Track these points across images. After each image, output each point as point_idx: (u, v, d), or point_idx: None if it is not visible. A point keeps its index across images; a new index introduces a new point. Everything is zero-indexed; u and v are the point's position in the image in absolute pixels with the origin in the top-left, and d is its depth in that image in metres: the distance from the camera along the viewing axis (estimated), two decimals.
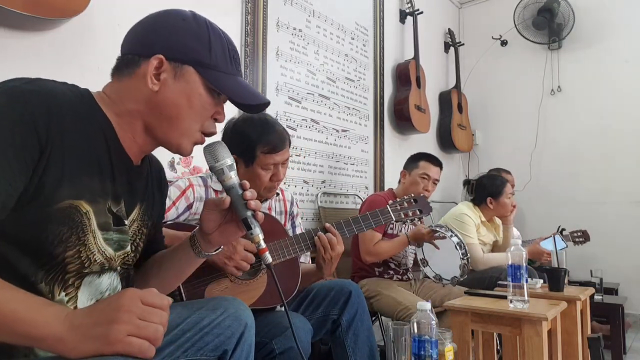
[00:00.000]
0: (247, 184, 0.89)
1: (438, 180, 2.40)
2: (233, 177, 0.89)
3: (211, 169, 0.90)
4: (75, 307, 0.80)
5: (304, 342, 1.33)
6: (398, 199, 1.74)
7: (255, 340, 1.04)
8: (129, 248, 0.89)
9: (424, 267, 2.19)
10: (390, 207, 1.68)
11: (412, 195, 1.75)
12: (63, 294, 0.78)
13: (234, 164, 0.90)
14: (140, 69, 0.85)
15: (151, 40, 0.85)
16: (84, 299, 0.82)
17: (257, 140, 1.54)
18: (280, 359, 1.30)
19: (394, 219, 1.69)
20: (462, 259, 2.02)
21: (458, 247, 2.01)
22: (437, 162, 2.41)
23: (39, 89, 0.75)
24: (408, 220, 1.83)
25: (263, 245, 0.88)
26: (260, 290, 1.43)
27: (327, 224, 1.53)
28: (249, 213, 0.87)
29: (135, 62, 0.85)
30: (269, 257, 0.88)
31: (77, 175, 0.77)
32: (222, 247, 0.99)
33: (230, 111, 1.10)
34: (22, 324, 0.63)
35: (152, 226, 1.00)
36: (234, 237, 0.95)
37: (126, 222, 0.88)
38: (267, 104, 0.94)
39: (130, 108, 0.86)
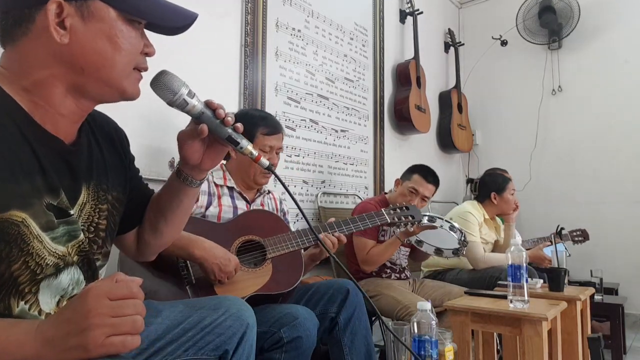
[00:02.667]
0: (213, 101, 0.84)
1: (428, 198, 2.34)
2: (197, 103, 0.82)
3: (170, 104, 0.81)
4: (40, 311, 0.74)
5: (311, 333, 1.36)
6: (391, 205, 1.92)
7: (264, 330, 1.06)
8: (81, 236, 0.80)
9: (420, 247, 2.15)
10: (384, 211, 1.85)
11: (404, 203, 1.92)
12: (22, 302, 0.72)
13: (191, 88, 0.82)
14: (36, 23, 0.70)
15: None
16: (46, 300, 0.76)
17: (258, 121, 1.69)
18: (288, 348, 1.32)
19: (388, 221, 1.82)
20: (460, 238, 2.02)
21: (452, 230, 2.02)
22: (431, 180, 2.33)
23: None
24: (401, 225, 1.88)
25: (255, 153, 0.86)
26: (266, 278, 1.48)
27: (329, 224, 1.67)
28: (229, 129, 0.84)
29: (26, 16, 0.70)
30: (265, 161, 0.87)
31: None
32: (204, 179, 0.96)
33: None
34: None
35: (121, 192, 0.92)
36: (223, 155, 0.91)
37: (72, 211, 0.78)
38: (193, 19, 0.83)
39: (42, 76, 0.72)
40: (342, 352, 1.55)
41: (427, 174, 2.34)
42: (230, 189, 1.68)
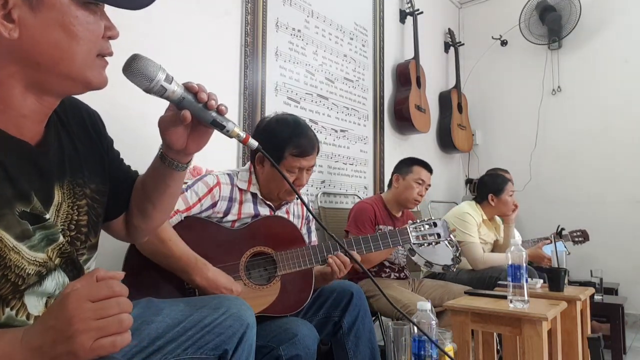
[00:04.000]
0: (194, 85, 0.78)
1: (430, 185, 2.42)
2: (176, 88, 0.76)
3: (147, 91, 0.76)
4: (28, 315, 0.73)
5: (310, 350, 1.33)
6: (419, 221, 1.73)
7: (262, 345, 1.04)
8: (61, 238, 0.76)
9: (412, 256, 2.14)
10: (410, 228, 1.68)
11: (432, 218, 1.73)
12: (7, 309, 0.70)
13: (168, 72, 0.76)
14: None
15: None
16: (34, 302, 0.74)
17: (287, 141, 1.54)
18: None
19: (412, 242, 1.68)
20: (455, 254, 1.99)
21: (449, 245, 1.98)
22: (429, 168, 2.42)
23: None
24: (425, 245, 1.72)
25: (243, 135, 0.82)
26: (272, 298, 1.44)
27: (347, 241, 1.60)
28: (213, 113, 0.79)
29: None
30: (254, 142, 0.83)
31: None
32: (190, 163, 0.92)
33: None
34: None
35: (100, 182, 0.88)
36: (207, 137, 0.86)
37: (47, 215, 0.74)
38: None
39: None
40: (347, 356, 1.54)
41: (424, 163, 2.41)
42: (254, 195, 1.58)
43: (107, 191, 0.90)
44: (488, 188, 2.83)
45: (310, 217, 1.78)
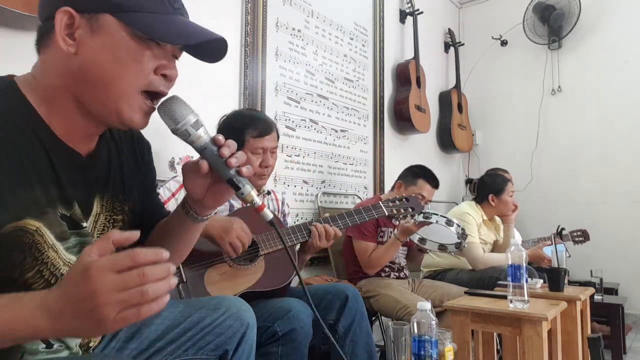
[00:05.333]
0: (220, 138, 0.76)
1: (430, 201, 2.39)
2: (202, 135, 0.76)
3: (174, 132, 0.76)
4: None
5: (305, 324, 1.36)
6: (390, 198, 1.87)
7: (259, 324, 1.05)
8: None
9: (424, 244, 2.17)
10: (382, 203, 1.81)
11: (404, 195, 1.88)
12: None
13: (200, 119, 0.76)
14: (55, 32, 0.69)
15: None
16: None
17: (246, 125, 1.64)
18: (284, 341, 1.33)
19: (386, 213, 1.79)
20: (458, 231, 2.02)
21: (448, 225, 2.01)
22: (434, 184, 2.37)
23: None
24: (400, 220, 1.85)
25: (258, 202, 0.78)
26: (258, 275, 1.47)
27: (324, 218, 1.68)
28: (232, 172, 0.76)
29: (50, 26, 0.70)
30: (269, 214, 0.79)
31: (11, 193, 0.66)
32: (215, 212, 0.89)
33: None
34: (3, 336, 0.57)
35: (136, 203, 0.90)
36: (227, 196, 0.84)
37: (85, 223, 0.78)
38: (219, 40, 0.77)
39: (55, 85, 0.72)
40: None
41: (430, 178, 2.36)
42: None
43: (138, 214, 0.92)
44: (488, 188, 2.82)
45: (287, 210, 1.88)
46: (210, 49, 0.78)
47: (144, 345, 0.91)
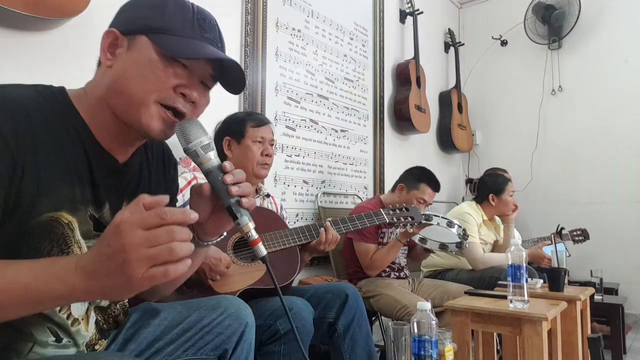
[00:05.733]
0: (227, 166, 0.77)
1: (431, 204, 2.41)
2: (212, 158, 0.77)
3: (185, 151, 0.79)
4: (69, 315, 0.78)
5: (307, 322, 1.37)
6: (391, 206, 1.92)
7: (260, 323, 1.05)
8: None
9: (425, 244, 2.21)
10: (384, 211, 1.86)
11: (404, 204, 1.94)
12: None
13: (212, 144, 0.79)
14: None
15: (114, 19, 0.82)
16: (77, 305, 0.81)
17: (245, 118, 1.79)
18: (286, 339, 1.33)
19: (387, 221, 1.84)
20: (459, 232, 2.04)
21: (449, 226, 2.02)
22: (436, 187, 2.37)
23: (3, 98, 0.70)
24: (400, 225, 1.89)
25: (254, 235, 0.76)
26: (261, 272, 1.48)
27: (327, 223, 1.66)
28: (233, 200, 0.75)
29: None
30: (262, 250, 0.78)
31: (54, 186, 0.72)
32: (224, 234, 0.88)
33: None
34: (42, 295, 0.60)
35: None
36: (228, 226, 0.84)
37: None
38: (235, 67, 0.82)
39: (97, 95, 0.80)
40: (343, 359, 1.54)
41: (431, 182, 2.35)
42: None
43: None
44: (488, 188, 2.82)
45: (285, 215, 1.92)
46: (232, 80, 0.85)
47: (142, 347, 0.91)
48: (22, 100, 0.72)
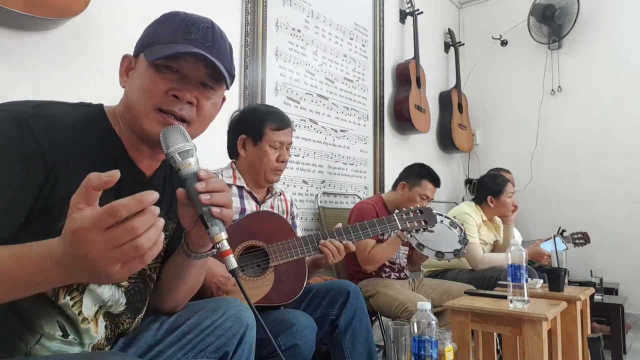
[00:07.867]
0: (202, 174, 0.76)
1: (432, 200, 2.41)
2: (192, 164, 0.77)
3: (166, 157, 0.79)
4: (80, 312, 0.81)
5: (309, 340, 1.35)
6: (404, 209, 1.81)
7: (262, 337, 1.05)
8: None
9: (421, 250, 2.15)
10: (396, 216, 1.76)
11: (418, 206, 1.83)
12: (68, 297, 0.79)
13: (193, 150, 0.78)
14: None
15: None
16: (89, 304, 0.82)
17: (265, 118, 1.65)
18: (286, 356, 1.31)
19: (400, 228, 1.75)
20: (460, 235, 2.02)
21: (452, 227, 2.00)
22: (437, 184, 2.38)
23: (44, 113, 0.76)
24: (413, 231, 1.79)
25: (225, 247, 0.75)
26: (267, 288, 1.45)
27: (337, 230, 1.59)
28: (205, 209, 0.74)
29: None
30: (233, 262, 0.76)
31: None
32: (214, 249, 0.87)
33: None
34: (23, 282, 0.61)
35: (177, 225, 0.98)
36: (207, 237, 0.82)
37: None
38: (213, 64, 0.83)
39: (119, 113, 0.87)
40: (343, 355, 1.54)
41: (433, 178, 2.36)
42: (240, 188, 1.64)
43: (177, 237, 0.96)
44: (487, 189, 2.82)
45: (295, 212, 1.84)
46: (217, 75, 0.88)
47: (143, 349, 0.91)
48: (62, 115, 0.78)
